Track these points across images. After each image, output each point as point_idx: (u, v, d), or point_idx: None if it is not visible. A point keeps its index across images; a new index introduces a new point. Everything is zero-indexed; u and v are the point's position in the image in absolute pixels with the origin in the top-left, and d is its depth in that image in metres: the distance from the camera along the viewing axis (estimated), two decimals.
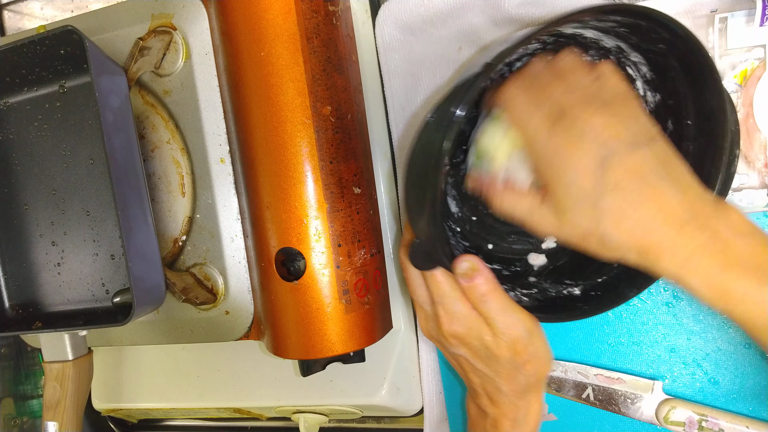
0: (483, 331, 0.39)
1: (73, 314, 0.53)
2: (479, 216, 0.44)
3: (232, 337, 0.51)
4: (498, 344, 0.39)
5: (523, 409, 0.42)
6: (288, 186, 0.43)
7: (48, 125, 0.52)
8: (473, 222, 0.44)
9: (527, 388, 0.41)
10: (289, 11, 0.42)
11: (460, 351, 0.41)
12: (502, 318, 0.38)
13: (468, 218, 0.44)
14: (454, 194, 0.44)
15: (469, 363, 0.41)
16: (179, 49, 0.48)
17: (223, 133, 0.48)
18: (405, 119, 0.51)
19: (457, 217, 0.44)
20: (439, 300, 0.40)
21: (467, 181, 0.40)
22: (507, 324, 0.38)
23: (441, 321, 0.40)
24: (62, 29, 0.43)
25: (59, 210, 0.53)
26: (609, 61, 0.38)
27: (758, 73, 0.41)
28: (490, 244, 0.44)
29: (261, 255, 0.46)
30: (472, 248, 0.44)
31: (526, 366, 0.39)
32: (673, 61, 0.36)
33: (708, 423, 0.45)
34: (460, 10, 0.46)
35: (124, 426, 0.73)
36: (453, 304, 0.39)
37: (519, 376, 0.40)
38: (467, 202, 0.44)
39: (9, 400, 0.71)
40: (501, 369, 0.40)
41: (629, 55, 0.38)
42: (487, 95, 0.37)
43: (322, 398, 0.56)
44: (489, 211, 0.43)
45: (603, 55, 0.40)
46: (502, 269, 0.43)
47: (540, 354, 0.40)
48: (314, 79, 0.43)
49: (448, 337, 0.40)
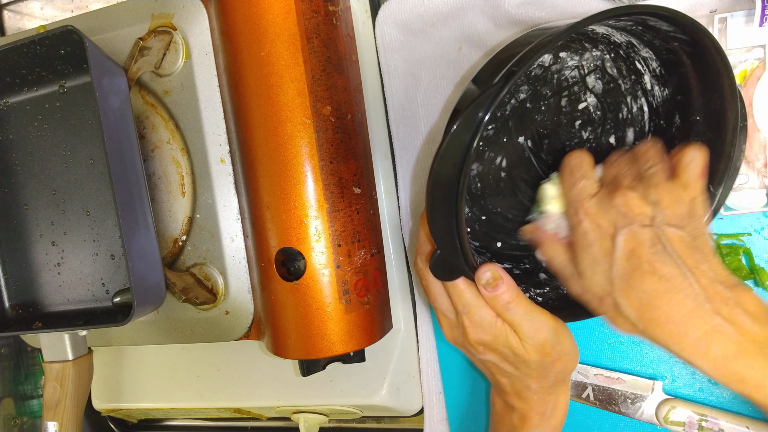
0: (510, 337, 0.39)
1: (73, 314, 0.53)
2: (488, 215, 0.44)
3: (232, 337, 0.51)
4: (526, 349, 0.39)
5: (552, 403, 0.42)
6: (288, 186, 0.43)
7: (48, 125, 0.52)
8: (482, 221, 0.44)
9: (556, 384, 0.41)
10: (289, 11, 0.42)
11: (488, 357, 0.41)
12: (527, 323, 0.38)
13: (478, 218, 0.44)
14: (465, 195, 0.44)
15: (497, 367, 0.42)
16: (179, 49, 0.48)
17: (223, 133, 0.48)
18: (405, 119, 0.51)
19: (467, 217, 0.44)
20: (463, 309, 0.40)
21: (523, 229, 0.41)
22: (533, 328, 0.38)
23: (466, 330, 0.40)
24: (62, 29, 0.43)
25: (59, 210, 0.53)
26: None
27: (758, 73, 0.41)
28: (499, 242, 0.44)
29: (261, 255, 0.46)
30: (481, 247, 0.44)
31: (555, 365, 0.40)
32: (685, 58, 0.37)
33: (708, 423, 0.45)
34: (460, 10, 0.46)
35: (124, 426, 0.73)
36: (477, 313, 0.39)
37: (548, 375, 0.40)
38: (477, 201, 0.44)
39: (9, 400, 0.71)
40: (530, 371, 0.40)
41: (640, 51, 0.39)
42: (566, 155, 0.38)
43: (322, 398, 0.56)
44: (498, 209, 0.43)
45: (612, 49, 0.40)
46: (512, 267, 0.44)
47: (567, 350, 0.40)
48: (314, 79, 0.43)
49: (474, 345, 0.41)
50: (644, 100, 0.41)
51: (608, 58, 0.40)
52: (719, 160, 0.37)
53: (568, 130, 0.42)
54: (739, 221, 0.45)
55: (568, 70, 0.41)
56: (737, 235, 0.45)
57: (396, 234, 0.53)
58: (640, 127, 0.42)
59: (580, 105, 0.42)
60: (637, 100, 0.41)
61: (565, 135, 0.42)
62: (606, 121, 0.42)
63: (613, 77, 0.41)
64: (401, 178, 0.52)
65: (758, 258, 0.45)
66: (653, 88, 0.40)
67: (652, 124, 0.41)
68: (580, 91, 0.41)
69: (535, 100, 0.41)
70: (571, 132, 0.42)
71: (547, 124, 0.42)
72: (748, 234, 0.45)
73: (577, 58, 0.41)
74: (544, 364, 0.40)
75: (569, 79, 0.41)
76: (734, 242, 0.45)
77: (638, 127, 0.42)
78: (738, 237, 0.45)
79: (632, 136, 0.42)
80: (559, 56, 0.40)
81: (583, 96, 0.42)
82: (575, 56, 0.41)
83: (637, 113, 0.42)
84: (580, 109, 0.42)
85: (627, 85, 0.41)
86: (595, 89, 0.41)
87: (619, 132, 0.42)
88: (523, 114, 0.42)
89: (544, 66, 0.41)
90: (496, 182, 0.43)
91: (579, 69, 0.41)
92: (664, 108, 0.40)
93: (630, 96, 0.41)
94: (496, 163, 0.43)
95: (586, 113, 0.42)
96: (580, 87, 0.41)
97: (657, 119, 0.41)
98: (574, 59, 0.41)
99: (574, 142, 0.43)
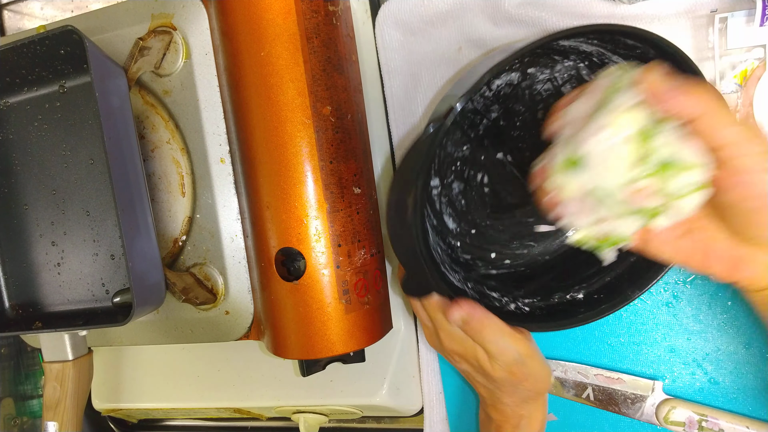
0: (479, 353, 0.41)
1: (73, 314, 0.53)
2: (478, 228, 0.44)
3: (232, 337, 0.51)
4: (494, 367, 0.40)
5: (525, 417, 0.43)
6: (288, 186, 0.43)
7: (48, 125, 0.52)
8: (473, 235, 0.44)
9: (527, 400, 0.43)
10: (289, 11, 0.42)
11: (463, 366, 0.43)
12: (494, 346, 0.39)
13: (467, 232, 0.44)
14: (450, 212, 0.44)
15: (472, 377, 0.44)
16: (179, 49, 0.48)
17: (223, 133, 0.48)
18: (405, 119, 0.51)
19: (456, 232, 0.44)
20: (437, 323, 0.42)
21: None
22: (500, 350, 0.39)
23: (442, 340, 0.42)
24: (62, 29, 0.43)
25: (59, 210, 0.53)
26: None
27: (758, 73, 0.41)
28: (493, 253, 0.45)
29: (261, 255, 0.46)
30: (474, 259, 0.44)
31: (523, 383, 0.41)
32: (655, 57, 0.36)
33: (708, 423, 0.45)
34: (460, 10, 0.46)
35: (124, 426, 0.73)
36: (450, 327, 0.41)
37: (518, 391, 0.42)
38: (464, 217, 0.44)
39: (9, 400, 0.71)
40: (500, 385, 0.42)
41: (612, 57, 0.39)
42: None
43: (322, 398, 0.56)
44: (488, 222, 0.44)
45: (585, 57, 0.39)
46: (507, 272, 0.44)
47: (535, 373, 0.41)
48: (314, 79, 0.43)
49: (451, 354, 0.43)
50: None
51: (583, 66, 0.40)
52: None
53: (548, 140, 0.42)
54: None
55: (540, 84, 0.41)
56: None
57: None
58: None
59: None
60: None
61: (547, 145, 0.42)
62: None
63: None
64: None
65: None
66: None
67: None
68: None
69: (509, 117, 0.42)
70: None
71: (525, 138, 0.42)
72: None
73: (547, 71, 0.41)
74: (512, 382, 0.41)
75: (542, 93, 0.41)
76: None
77: None
78: None
79: None
80: (527, 73, 0.40)
81: None
82: (545, 70, 0.41)
83: None
84: None
85: None
86: None
87: None
88: (499, 131, 0.42)
89: (513, 84, 0.41)
90: (480, 198, 0.44)
91: (552, 81, 0.41)
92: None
93: None
94: (477, 180, 0.43)
95: None
96: (555, 98, 0.41)
97: None
98: (544, 73, 0.41)
99: None
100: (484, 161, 0.43)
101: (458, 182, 0.43)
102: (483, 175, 0.43)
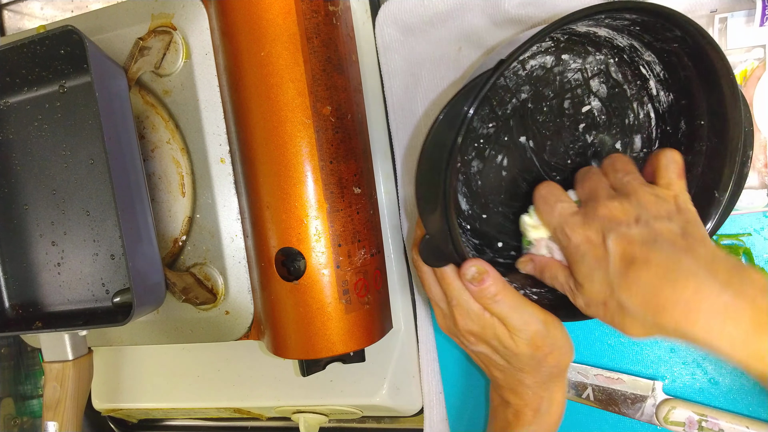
0: (499, 330, 0.39)
1: (73, 314, 0.53)
2: (489, 214, 0.44)
3: (232, 337, 0.51)
4: (516, 342, 0.39)
5: (546, 399, 0.42)
6: (288, 186, 0.43)
7: (48, 125, 0.52)
8: (483, 220, 0.44)
9: (550, 379, 0.41)
10: (289, 11, 0.42)
11: (480, 348, 0.41)
12: (516, 315, 0.38)
13: (478, 216, 0.44)
14: (465, 191, 0.44)
15: (489, 359, 0.41)
16: (179, 49, 0.48)
17: (223, 133, 0.48)
18: (405, 119, 0.51)
19: (467, 214, 0.44)
20: (452, 299, 0.40)
21: (519, 261, 0.41)
22: (522, 320, 0.38)
23: (456, 320, 0.40)
24: (62, 29, 0.43)
25: (59, 210, 0.53)
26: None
27: (758, 73, 0.41)
28: (500, 243, 0.44)
29: (261, 255, 0.46)
30: (482, 245, 0.44)
31: (547, 358, 0.39)
32: (687, 60, 0.36)
33: (708, 423, 0.45)
34: (460, 10, 0.46)
35: (124, 426, 0.73)
36: (465, 304, 0.39)
37: (542, 369, 0.40)
38: (478, 199, 0.44)
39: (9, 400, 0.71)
40: (522, 365, 0.40)
41: (643, 54, 0.39)
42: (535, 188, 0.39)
43: (322, 398, 0.56)
44: (500, 209, 0.43)
45: (616, 53, 0.40)
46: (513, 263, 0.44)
47: (560, 344, 0.40)
48: (314, 79, 0.43)
49: (465, 335, 0.41)
50: (651, 106, 0.41)
51: (612, 62, 0.40)
52: (724, 165, 0.37)
53: (571, 133, 0.42)
54: (740, 221, 0.45)
55: (571, 72, 0.41)
56: (737, 235, 0.45)
57: (396, 234, 0.53)
58: (647, 133, 0.42)
59: (583, 108, 0.42)
60: (643, 106, 0.41)
61: (569, 137, 0.42)
62: (612, 126, 0.42)
63: (618, 82, 0.41)
64: (401, 178, 0.52)
65: (758, 258, 0.45)
66: (659, 94, 0.40)
67: (659, 131, 0.41)
68: (584, 94, 0.41)
69: (537, 100, 0.41)
70: (575, 135, 0.42)
71: (550, 126, 0.42)
72: (749, 234, 0.45)
73: (579, 61, 0.41)
74: (536, 358, 0.39)
75: (572, 82, 0.41)
76: (734, 242, 0.45)
77: (645, 133, 0.42)
78: (738, 237, 0.45)
79: (639, 143, 0.42)
80: (561, 58, 0.40)
81: (587, 99, 0.42)
82: (578, 59, 0.41)
83: (644, 119, 0.42)
84: (584, 112, 0.42)
85: (633, 90, 0.41)
86: (599, 93, 0.41)
87: (626, 138, 0.42)
88: (525, 114, 0.42)
89: (546, 67, 0.41)
90: (497, 181, 0.43)
91: (582, 72, 0.41)
92: (670, 113, 0.40)
93: (636, 102, 0.41)
94: (497, 161, 0.43)
95: (590, 117, 0.42)
96: (583, 90, 0.41)
97: (663, 125, 0.41)
98: (576, 62, 0.41)
99: (578, 145, 0.43)
100: (507, 142, 0.42)
101: (478, 161, 0.43)
102: (503, 157, 0.43)
